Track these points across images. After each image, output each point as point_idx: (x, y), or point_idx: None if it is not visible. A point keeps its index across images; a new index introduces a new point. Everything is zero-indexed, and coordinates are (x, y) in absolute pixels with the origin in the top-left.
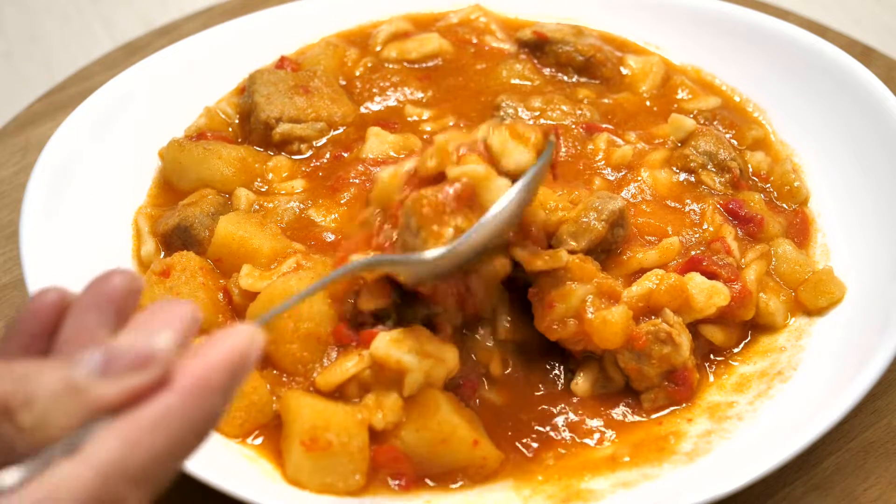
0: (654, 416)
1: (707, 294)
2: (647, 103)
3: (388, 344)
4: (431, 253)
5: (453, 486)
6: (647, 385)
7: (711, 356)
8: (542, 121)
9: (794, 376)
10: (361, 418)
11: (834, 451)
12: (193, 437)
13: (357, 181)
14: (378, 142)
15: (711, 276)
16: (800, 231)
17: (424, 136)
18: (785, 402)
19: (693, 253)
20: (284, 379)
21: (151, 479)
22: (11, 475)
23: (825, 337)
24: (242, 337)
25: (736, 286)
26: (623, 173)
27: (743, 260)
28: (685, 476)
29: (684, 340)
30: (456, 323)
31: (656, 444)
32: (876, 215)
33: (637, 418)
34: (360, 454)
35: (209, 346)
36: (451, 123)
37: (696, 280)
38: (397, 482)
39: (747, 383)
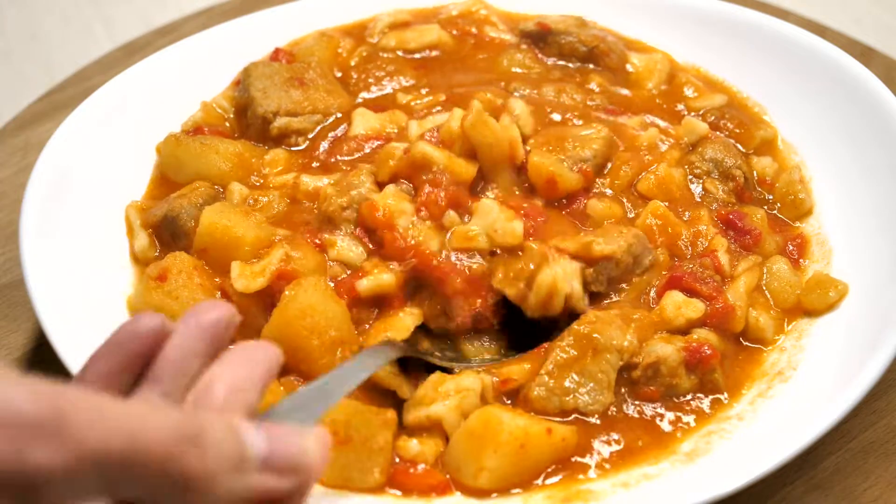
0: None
1: (676, 305)
2: (658, 100)
3: (412, 410)
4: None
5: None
6: (691, 385)
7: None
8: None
9: (794, 376)
10: (384, 419)
11: (834, 451)
12: None
13: (348, 158)
14: (364, 119)
15: (692, 293)
16: (797, 249)
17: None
18: (785, 402)
19: (689, 267)
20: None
21: None
22: None
23: (825, 337)
24: None
25: (718, 305)
26: (647, 158)
27: (735, 270)
28: (685, 476)
29: (658, 349)
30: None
31: (661, 440)
32: (876, 215)
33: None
34: (381, 453)
35: None
36: (442, 98)
37: (672, 296)
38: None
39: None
